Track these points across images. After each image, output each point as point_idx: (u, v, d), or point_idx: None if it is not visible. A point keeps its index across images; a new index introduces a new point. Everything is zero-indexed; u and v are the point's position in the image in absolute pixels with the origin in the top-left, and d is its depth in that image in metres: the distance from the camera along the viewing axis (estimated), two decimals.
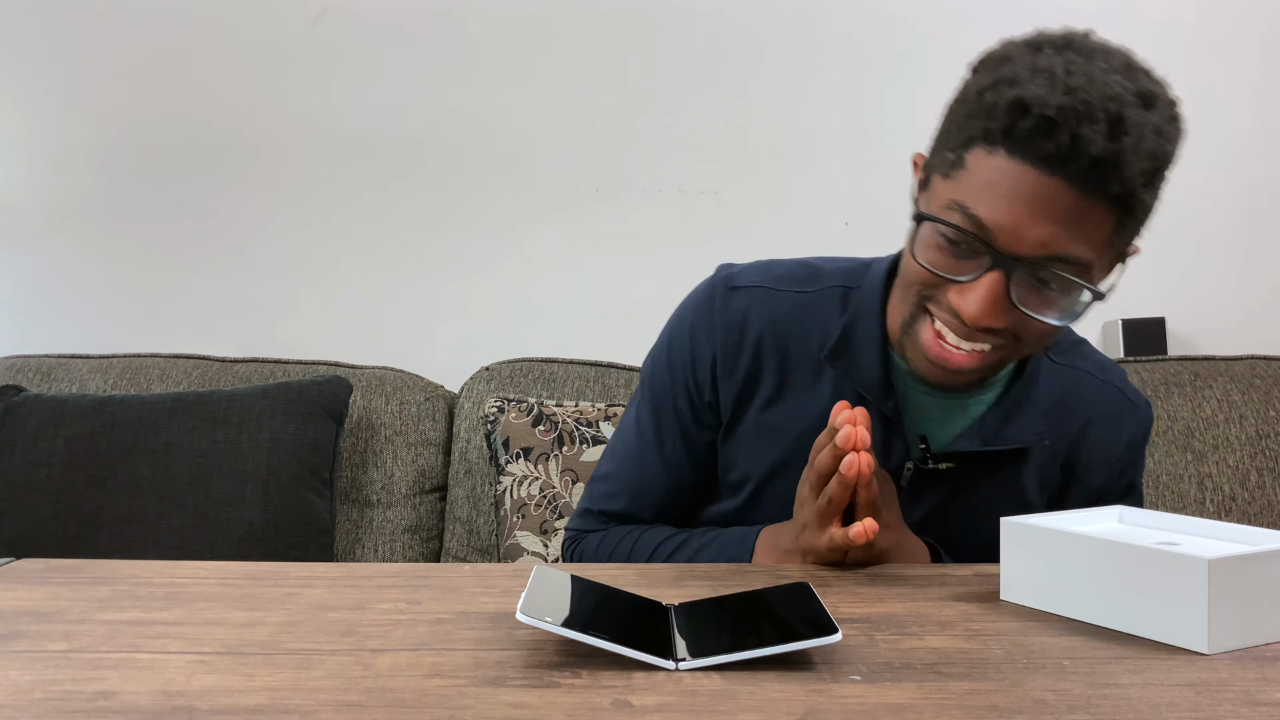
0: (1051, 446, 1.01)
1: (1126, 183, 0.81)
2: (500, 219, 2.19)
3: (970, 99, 0.87)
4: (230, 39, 2.20)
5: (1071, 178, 0.81)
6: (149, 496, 1.69)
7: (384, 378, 1.94)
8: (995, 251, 0.84)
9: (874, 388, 0.98)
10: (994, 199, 0.83)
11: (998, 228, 0.83)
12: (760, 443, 1.03)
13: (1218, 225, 2.14)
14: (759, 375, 1.03)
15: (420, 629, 0.72)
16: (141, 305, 2.22)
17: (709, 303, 1.05)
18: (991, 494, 0.99)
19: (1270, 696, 0.59)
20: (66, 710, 0.57)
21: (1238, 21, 2.12)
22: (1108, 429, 1.04)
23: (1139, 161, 0.82)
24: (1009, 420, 0.98)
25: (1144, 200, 0.85)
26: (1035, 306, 0.86)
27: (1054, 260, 0.83)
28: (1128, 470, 1.06)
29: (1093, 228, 0.83)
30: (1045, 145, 0.80)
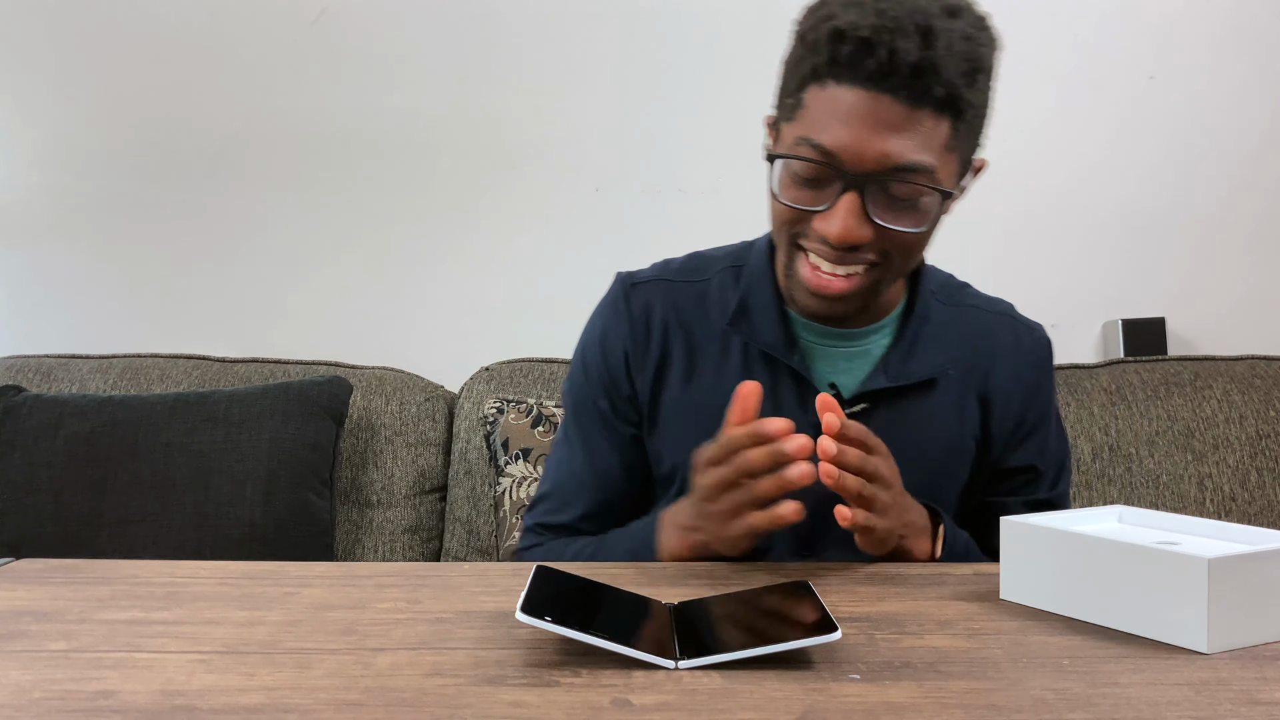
0: (960, 379, 1.07)
1: (947, 85, 0.88)
2: (500, 219, 2.19)
3: (796, 45, 0.94)
4: (230, 39, 2.20)
5: (896, 90, 0.87)
6: (149, 496, 1.69)
7: (384, 378, 1.94)
8: (844, 173, 0.90)
9: (777, 345, 1.04)
10: (833, 125, 0.89)
11: (841, 149, 0.89)
12: (681, 426, 1.07)
13: (1218, 225, 2.15)
14: (668, 359, 1.08)
15: (420, 628, 0.72)
16: (141, 305, 2.23)
17: (614, 305, 1.12)
18: (912, 431, 1.04)
19: (1270, 696, 0.59)
20: (66, 710, 0.57)
21: (1238, 21, 2.12)
22: (1009, 352, 1.10)
23: (954, 64, 0.88)
24: (910, 356, 1.05)
25: (970, 100, 0.91)
26: (893, 219, 0.92)
27: (899, 171, 0.89)
28: (1040, 391, 1.11)
29: (928, 134, 0.89)
30: (867, 64, 0.87)
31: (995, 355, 1.09)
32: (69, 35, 2.21)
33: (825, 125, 0.90)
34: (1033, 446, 1.10)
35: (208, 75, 2.20)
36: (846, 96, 0.88)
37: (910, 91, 0.87)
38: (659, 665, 0.63)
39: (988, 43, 0.94)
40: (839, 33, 0.88)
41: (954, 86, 0.88)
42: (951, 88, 0.88)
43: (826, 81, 0.90)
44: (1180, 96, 2.13)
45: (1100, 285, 2.16)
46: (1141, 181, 2.15)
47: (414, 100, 2.19)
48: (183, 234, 2.22)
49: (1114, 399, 1.75)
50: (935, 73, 0.87)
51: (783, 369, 1.04)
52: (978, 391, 1.07)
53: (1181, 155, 2.14)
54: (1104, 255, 2.16)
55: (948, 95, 0.88)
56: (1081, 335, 2.17)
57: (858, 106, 0.88)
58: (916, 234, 0.93)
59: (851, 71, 0.88)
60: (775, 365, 1.04)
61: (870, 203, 0.90)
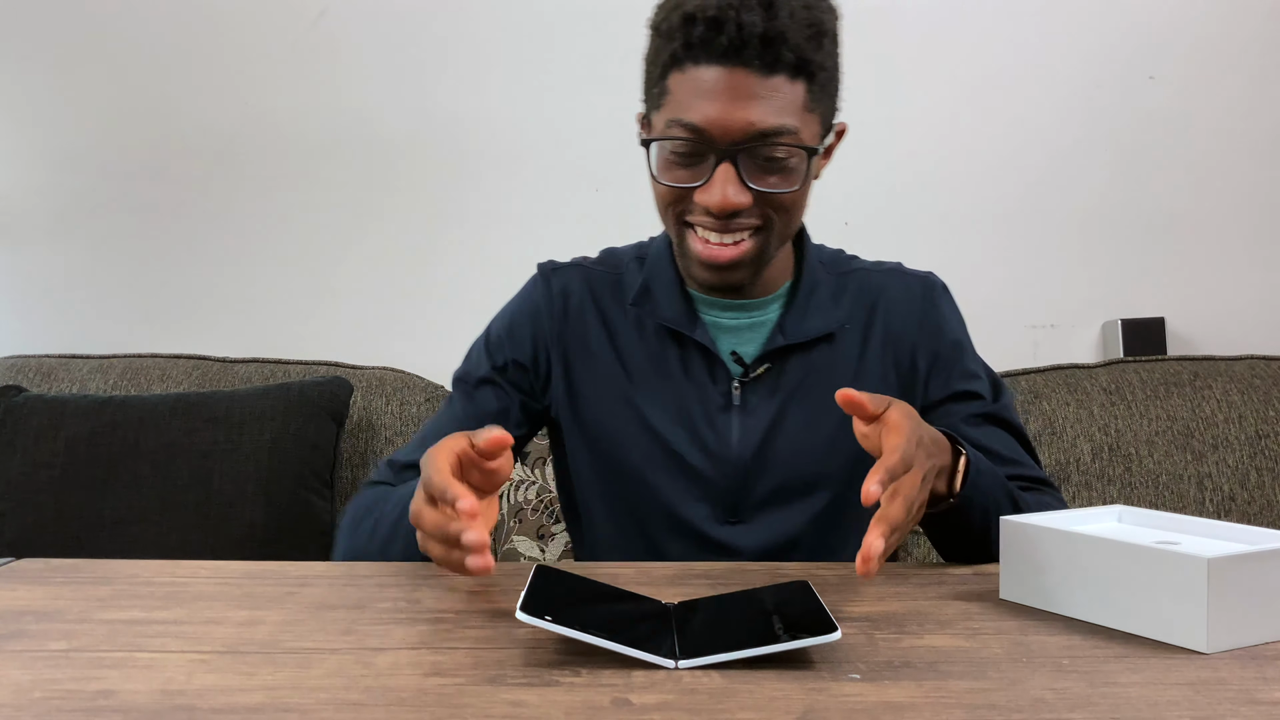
0: (862, 335, 1.12)
1: (795, 50, 0.94)
2: (500, 219, 2.19)
3: (653, 39, 1.01)
4: (230, 39, 2.20)
5: (750, 61, 0.94)
6: (149, 497, 1.69)
7: (384, 378, 1.94)
8: (715, 146, 0.96)
9: (680, 319, 1.10)
10: (697, 103, 0.95)
11: (708, 124, 0.95)
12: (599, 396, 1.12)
13: (1218, 225, 2.15)
14: (586, 336, 1.13)
15: (420, 628, 0.72)
16: (141, 305, 2.23)
17: (533, 287, 1.18)
18: (819, 387, 1.09)
19: (1270, 696, 0.59)
20: (66, 710, 0.57)
21: (1237, 22, 2.12)
22: (902, 299, 1.15)
23: (799, 30, 0.94)
24: (805, 317, 1.11)
25: (819, 63, 0.97)
26: (767, 182, 0.98)
27: (764, 136, 0.95)
28: (944, 325, 1.15)
29: (785, 98, 0.95)
30: (719, 41, 0.93)
31: (890, 306, 1.14)
32: (69, 35, 2.21)
33: (690, 104, 0.96)
34: (957, 374, 1.13)
35: (208, 75, 2.20)
36: (705, 75, 0.95)
37: (762, 60, 0.94)
38: (659, 665, 0.63)
39: (827, 10, 1.00)
40: (689, 17, 0.95)
41: (802, 50, 0.94)
42: (800, 52, 0.94)
43: (685, 65, 0.96)
44: (1180, 96, 2.13)
45: (1100, 285, 2.16)
46: (1142, 181, 2.15)
47: (414, 100, 2.19)
48: (182, 234, 2.22)
49: (1114, 399, 1.75)
50: (783, 40, 0.93)
51: (689, 343, 1.10)
52: (881, 341, 1.13)
53: (1181, 155, 2.14)
54: (1104, 255, 2.16)
55: (797, 60, 0.94)
56: (1081, 335, 2.17)
57: (717, 82, 0.94)
58: (791, 193, 0.99)
59: (706, 50, 0.94)
60: (682, 340, 1.10)
61: (744, 170, 0.97)
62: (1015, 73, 2.16)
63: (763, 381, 1.09)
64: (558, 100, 2.18)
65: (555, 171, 2.17)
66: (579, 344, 1.13)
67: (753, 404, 1.09)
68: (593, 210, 2.17)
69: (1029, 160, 2.16)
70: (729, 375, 1.09)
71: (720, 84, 0.94)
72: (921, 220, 2.16)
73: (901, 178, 2.17)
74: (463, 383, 1.16)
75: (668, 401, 1.09)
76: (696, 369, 1.09)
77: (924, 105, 2.17)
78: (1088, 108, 2.14)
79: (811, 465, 1.09)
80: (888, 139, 2.16)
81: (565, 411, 1.14)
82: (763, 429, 1.08)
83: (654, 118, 1.02)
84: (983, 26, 2.16)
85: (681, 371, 1.10)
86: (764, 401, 1.09)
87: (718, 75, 0.94)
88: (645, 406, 1.09)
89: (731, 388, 1.09)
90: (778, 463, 1.08)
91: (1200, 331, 2.14)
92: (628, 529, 1.11)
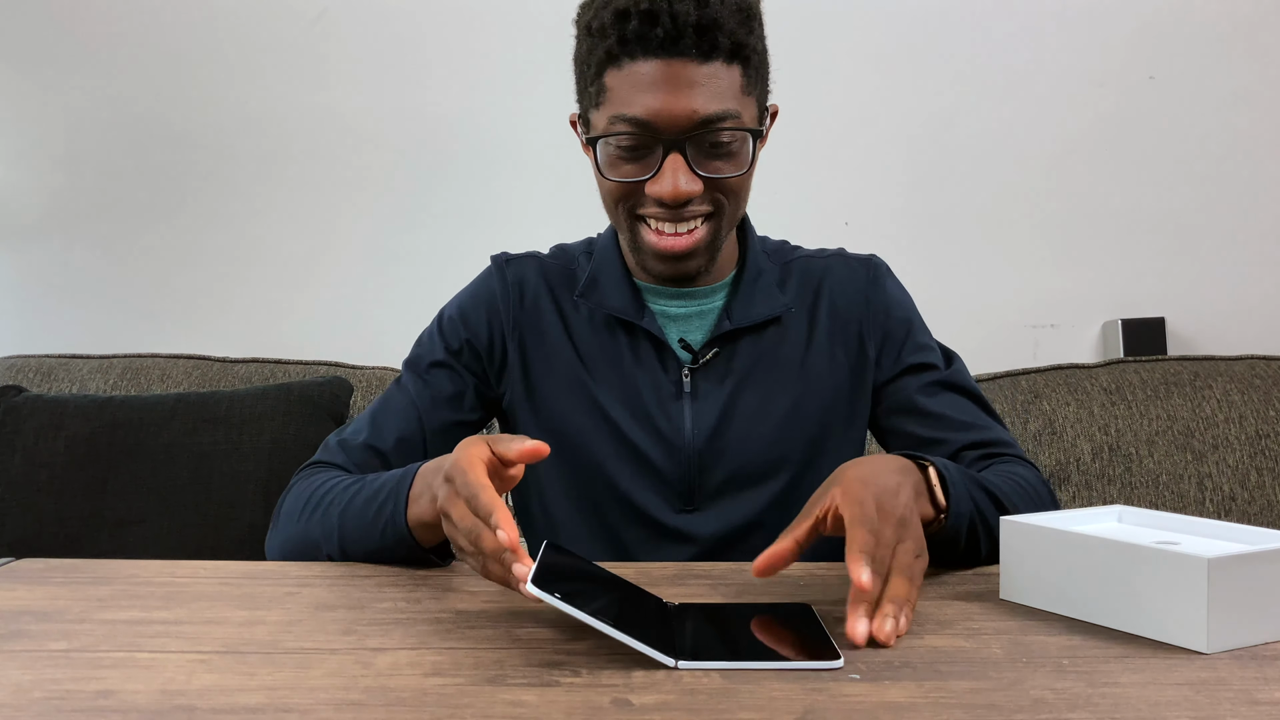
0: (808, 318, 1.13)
1: (731, 35, 0.96)
2: (500, 219, 2.19)
3: (584, 37, 1.02)
4: (230, 39, 2.20)
5: (687, 51, 0.95)
6: (149, 497, 1.69)
7: (384, 378, 1.94)
8: (662, 138, 0.98)
9: (627, 309, 1.11)
10: (640, 97, 0.97)
11: (653, 117, 0.97)
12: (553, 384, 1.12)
13: (1218, 225, 2.14)
14: (541, 323, 1.13)
15: (420, 628, 0.72)
16: (141, 305, 2.23)
17: (488, 277, 1.18)
18: (768, 369, 1.11)
19: (1270, 696, 0.59)
20: (66, 710, 0.57)
21: (1237, 22, 2.12)
22: (846, 282, 1.16)
23: (731, 15, 0.96)
24: (750, 303, 1.12)
25: (753, 46, 0.99)
26: (717, 168, 1.00)
27: (708, 122, 0.97)
28: (892, 304, 1.16)
29: (724, 84, 0.97)
30: (655, 34, 0.95)
31: (836, 288, 1.15)
32: (69, 35, 2.21)
33: (631, 99, 0.97)
34: (908, 349, 1.14)
35: (208, 75, 2.20)
36: (644, 69, 0.96)
37: (699, 49, 0.95)
38: (660, 662, 0.63)
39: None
40: (622, 13, 0.96)
41: (736, 35, 0.97)
42: (734, 36, 0.96)
43: (622, 60, 0.97)
44: (1180, 96, 2.13)
45: (1100, 285, 2.16)
46: (1141, 181, 2.14)
47: (414, 100, 2.19)
48: (183, 234, 2.22)
49: (1114, 399, 1.75)
50: (717, 26, 0.95)
51: (638, 332, 1.11)
52: (829, 324, 1.14)
53: (1181, 155, 2.14)
54: (1104, 255, 2.16)
55: (732, 44, 0.96)
56: (1081, 335, 2.17)
57: (657, 74, 0.96)
58: (740, 176, 1.01)
59: (642, 44, 0.95)
60: (632, 329, 1.11)
61: (691, 157, 0.98)
62: (1015, 72, 2.16)
63: (712, 368, 1.10)
64: (559, 100, 2.17)
65: (555, 171, 2.17)
66: (535, 333, 1.13)
67: (704, 390, 1.10)
68: (592, 210, 2.17)
69: (1029, 160, 2.16)
70: (679, 363, 1.10)
71: (660, 76, 0.96)
72: (921, 220, 2.16)
73: (901, 177, 2.17)
74: (414, 366, 1.16)
75: (622, 391, 1.10)
76: (647, 358, 1.10)
77: (924, 105, 2.17)
78: (1088, 108, 2.14)
79: (765, 450, 1.09)
80: (888, 139, 2.16)
81: (521, 401, 1.13)
82: (715, 416, 1.09)
83: (593, 116, 1.02)
84: (983, 26, 2.16)
85: (633, 360, 1.10)
86: (715, 389, 1.10)
87: (656, 67, 0.96)
88: (601, 396, 1.10)
89: (682, 375, 1.10)
90: (730, 450, 1.09)
91: (1200, 331, 2.14)
92: (587, 517, 1.11)
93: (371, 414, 1.13)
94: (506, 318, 1.14)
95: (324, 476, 1.04)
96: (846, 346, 1.14)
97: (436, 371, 1.14)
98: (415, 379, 1.14)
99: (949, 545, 0.88)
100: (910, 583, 0.74)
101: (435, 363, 1.14)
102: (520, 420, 1.14)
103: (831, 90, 2.16)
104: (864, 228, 2.13)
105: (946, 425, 1.10)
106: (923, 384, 1.13)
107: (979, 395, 1.14)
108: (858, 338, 1.14)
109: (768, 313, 1.11)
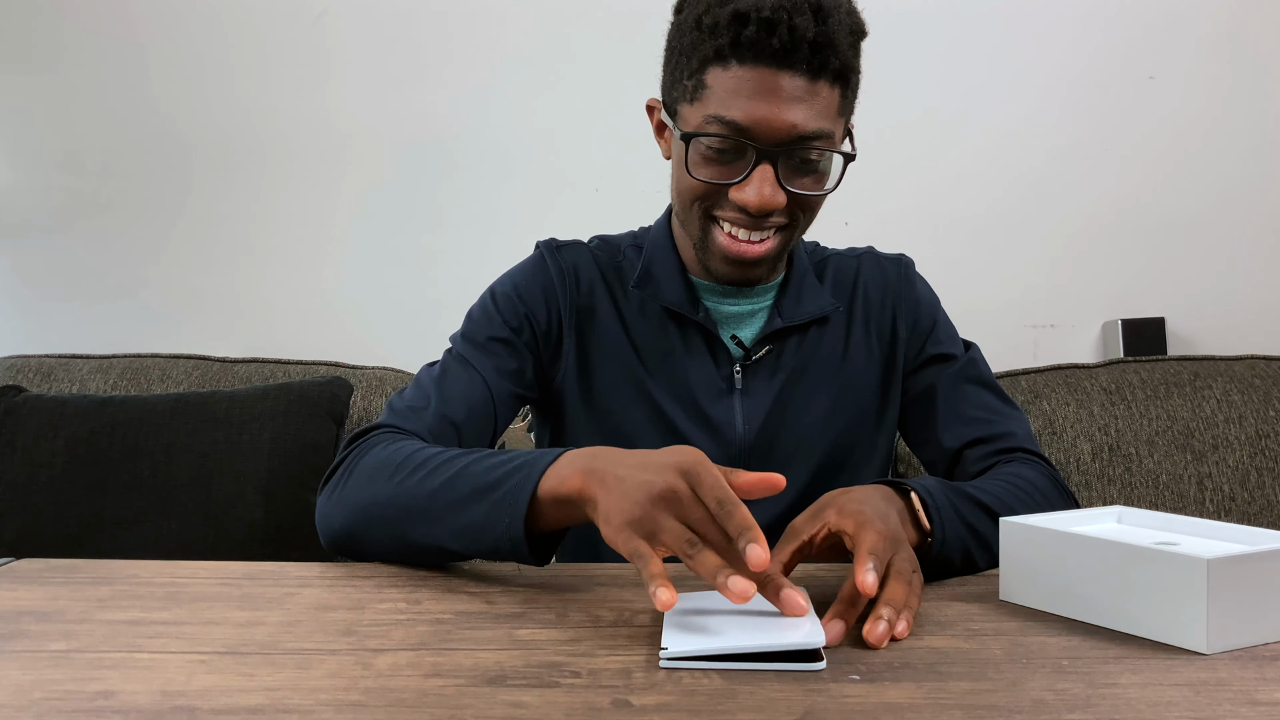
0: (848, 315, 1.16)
1: (841, 56, 0.96)
2: (500, 219, 2.19)
3: (690, 29, 0.99)
4: (230, 39, 2.20)
5: (798, 65, 0.94)
6: (150, 497, 1.69)
7: (384, 378, 1.94)
8: (757, 146, 0.97)
9: (683, 303, 1.11)
10: (742, 102, 0.96)
11: (753, 124, 0.96)
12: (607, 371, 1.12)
13: (1218, 225, 2.14)
14: (594, 309, 1.13)
15: (420, 629, 0.72)
16: (141, 305, 2.22)
17: (539, 260, 1.16)
18: (815, 365, 1.13)
19: (1270, 696, 0.59)
20: (66, 710, 0.57)
21: (1237, 22, 2.12)
22: (880, 279, 1.19)
23: (845, 37, 0.96)
24: (799, 302, 1.13)
25: (856, 69, 1.00)
26: (803, 184, 1.00)
27: (805, 139, 0.97)
28: (921, 301, 1.19)
29: (825, 103, 0.97)
30: (770, 44, 0.93)
31: (870, 286, 1.18)
32: (69, 35, 2.21)
33: (733, 103, 0.96)
34: (932, 340, 1.17)
35: (208, 75, 2.20)
36: (752, 75, 0.95)
37: (810, 66, 0.95)
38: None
39: (858, 12, 1.02)
40: (740, 15, 0.94)
41: (845, 57, 0.97)
42: (844, 59, 0.96)
43: (730, 62, 0.96)
44: (1180, 96, 2.13)
45: (1100, 285, 2.16)
46: (1141, 181, 2.14)
47: (414, 100, 2.19)
48: (183, 233, 2.22)
49: (1114, 399, 1.75)
50: (832, 47, 0.95)
51: (691, 326, 1.11)
52: (865, 321, 1.16)
53: (1181, 155, 2.14)
54: (1104, 255, 2.16)
55: (841, 66, 0.96)
56: (1081, 335, 2.16)
57: (764, 83, 0.95)
58: (823, 195, 1.02)
59: (755, 51, 0.94)
60: (684, 323, 1.11)
61: (782, 170, 0.98)
62: (1016, 73, 2.16)
63: (763, 364, 1.11)
64: (559, 100, 2.18)
65: (556, 172, 2.17)
66: (591, 320, 1.13)
67: (754, 387, 1.11)
68: (593, 210, 2.17)
69: (1029, 160, 2.15)
70: (731, 359, 1.11)
71: (766, 85, 0.95)
72: (922, 220, 2.16)
73: (902, 177, 2.17)
74: (470, 339, 1.10)
75: (673, 384, 1.10)
76: (699, 352, 1.11)
77: (924, 105, 2.17)
78: (1088, 108, 2.14)
79: (811, 445, 1.11)
80: (888, 139, 2.16)
81: (573, 386, 1.12)
82: (765, 411, 1.10)
83: (685, 110, 1.00)
84: (983, 26, 2.16)
85: (685, 354, 1.11)
86: (764, 384, 1.11)
87: (764, 76, 0.95)
88: (653, 388, 1.10)
89: (734, 371, 1.11)
90: (779, 445, 1.11)
91: (1200, 331, 2.14)
92: None
93: (435, 383, 1.07)
94: (564, 302, 1.13)
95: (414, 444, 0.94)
96: (880, 340, 1.16)
97: (496, 345, 1.10)
98: (475, 351, 1.09)
99: (943, 566, 0.88)
100: (908, 588, 0.74)
101: (495, 338, 1.11)
102: (569, 405, 1.13)
103: None
104: (864, 228, 2.12)
105: (961, 420, 1.12)
106: (942, 374, 1.15)
107: (996, 386, 1.16)
108: (890, 330, 1.16)
109: (816, 311, 1.13)
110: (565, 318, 1.12)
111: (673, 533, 0.73)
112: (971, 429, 1.11)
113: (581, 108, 2.17)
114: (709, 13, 0.97)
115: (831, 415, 1.12)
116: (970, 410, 1.12)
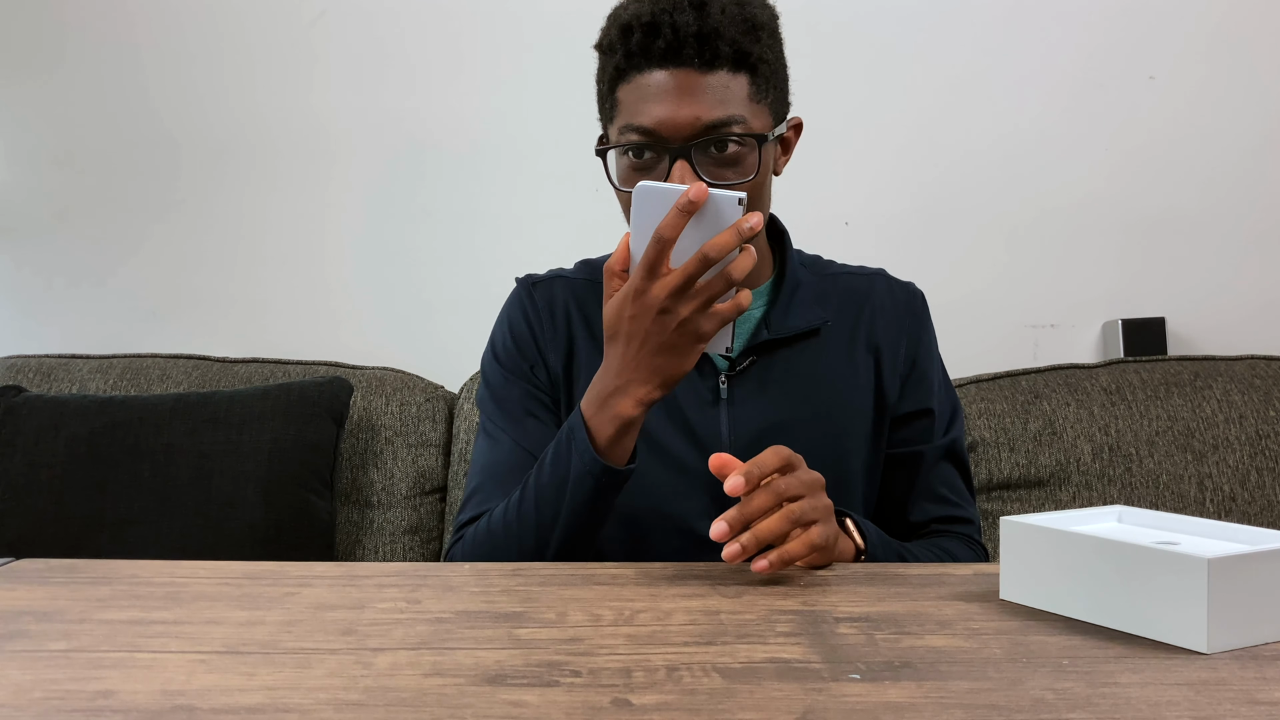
0: (846, 335, 1.15)
1: (732, 43, 0.99)
2: (500, 219, 2.19)
3: (600, 59, 1.06)
4: (230, 39, 2.20)
5: (688, 60, 0.98)
6: (149, 497, 1.69)
7: (384, 378, 1.94)
8: (667, 146, 1.00)
9: None
10: (645, 107, 1.00)
11: (658, 124, 1.00)
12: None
13: (1218, 225, 2.14)
14: (574, 345, 1.15)
15: (420, 628, 0.72)
16: (141, 305, 2.22)
17: (518, 301, 1.20)
18: (801, 382, 1.13)
19: (1270, 696, 0.59)
20: (66, 710, 0.57)
21: (1237, 22, 2.12)
22: (888, 304, 1.19)
23: (731, 26, 0.99)
24: (788, 314, 1.14)
25: (760, 55, 1.01)
26: (725, 175, 1.02)
27: (712, 129, 0.99)
28: (923, 337, 1.20)
29: (728, 91, 1.00)
30: (656, 46, 0.98)
31: (876, 309, 1.18)
32: (69, 34, 2.21)
33: (639, 109, 1.01)
34: (924, 389, 1.18)
35: (207, 75, 2.20)
36: (649, 79, 1.00)
37: (701, 58, 0.98)
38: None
39: (760, 5, 1.04)
40: (626, 27, 1.00)
41: (739, 44, 0.99)
42: (736, 45, 0.99)
43: (629, 74, 1.01)
44: (1180, 96, 2.13)
45: (1100, 285, 2.16)
46: (1141, 181, 2.14)
47: (414, 100, 2.19)
48: (182, 233, 2.22)
49: (1114, 399, 1.75)
50: (718, 35, 0.98)
51: None
52: (865, 344, 1.16)
53: (1181, 155, 2.14)
54: (1104, 255, 2.16)
55: (735, 53, 0.99)
56: (1081, 335, 2.16)
57: (661, 84, 0.99)
58: (749, 183, 1.02)
59: (646, 56, 0.99)
60: None
61: (698, 165, 1.00)
62: (1015, 72, 2.16)
63: (749, 376, 1.12)
64: (558, 100, 2.18)
65: (555, 172, 2.17)
66: (569, 353, 1.16)
67: (740, 398, 1.11)
68: (592, 211, 2.16)
69: (1029, 160, 2.15)
70: (716, 370, 1.12)
71: (664, 85, 0.99)
72: (921, 220, 2.16)
73: (901, 177, 2.17)
74: (498, 403, 1.16)
75: None
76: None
77: (923, 104, 2.17)
78: (1088, 108, 2.14)
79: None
80: (887, 139, 2.16)
81: (564, 407, 1.16)
82: (750, 424, 1.11)
83: (609, 131, 1.06)
84: (982, 26, 2.16)
85: None
86: (751, 397, 1.11)
87: (660, 78, 0.99)
88: None
89: (719, 382, 1.11)
90: None
91: (1200, 331, 2.14)
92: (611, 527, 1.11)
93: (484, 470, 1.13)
94: (545, 340, 1.16)
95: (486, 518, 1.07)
96: (878, 367, 1.16)
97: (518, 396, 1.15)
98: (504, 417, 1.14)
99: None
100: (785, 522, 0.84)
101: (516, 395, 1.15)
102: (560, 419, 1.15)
103: (831, 91, 2.16)
104: (864, 228, 2.13)
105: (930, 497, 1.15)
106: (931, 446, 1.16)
107: (968, 466, 1.19)
108: (890, 361, 1.16)
109: (805, 325, 1.13)
110: (548, 356, 1.16)
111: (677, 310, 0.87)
112: (937, 508, 1.15)
113: (581, 108, 2.17)
114: (605, 35, 1.04)
115: (819, 428, 1.12)
116: (940, 488, 1.15)
